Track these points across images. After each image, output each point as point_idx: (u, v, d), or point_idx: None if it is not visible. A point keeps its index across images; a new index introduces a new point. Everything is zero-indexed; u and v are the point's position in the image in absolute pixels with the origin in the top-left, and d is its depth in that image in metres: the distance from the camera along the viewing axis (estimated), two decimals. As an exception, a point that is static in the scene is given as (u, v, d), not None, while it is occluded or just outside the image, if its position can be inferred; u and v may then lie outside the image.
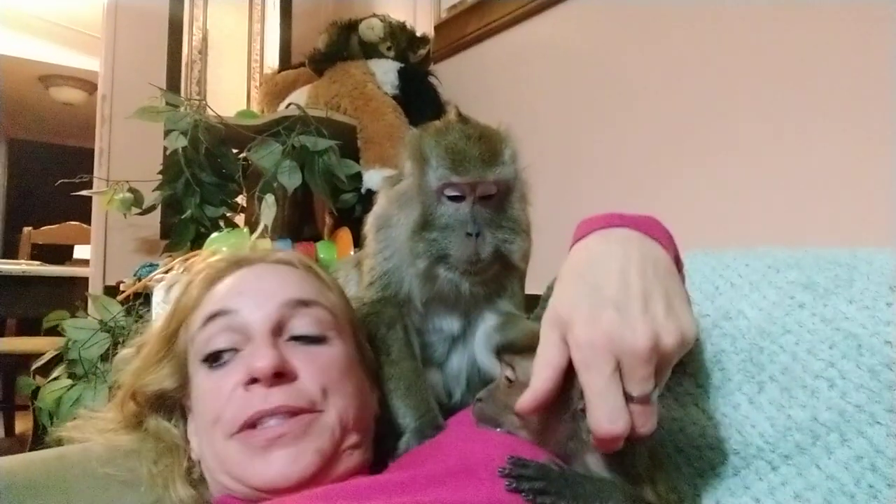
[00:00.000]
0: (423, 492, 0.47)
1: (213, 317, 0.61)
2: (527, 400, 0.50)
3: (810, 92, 1.13)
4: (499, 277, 0.74)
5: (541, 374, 0.50)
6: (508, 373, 0.59)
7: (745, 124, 1.24)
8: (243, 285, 0.64)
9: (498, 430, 0.58)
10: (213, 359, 0.60)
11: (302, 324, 0.63)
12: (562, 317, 0.49)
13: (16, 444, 3.11)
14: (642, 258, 0.51)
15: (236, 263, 0.68)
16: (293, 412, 0.57)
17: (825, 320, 0.64)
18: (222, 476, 0.59)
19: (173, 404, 0.66)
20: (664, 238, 0.56)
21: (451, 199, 0.68)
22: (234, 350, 0.60)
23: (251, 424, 0.57)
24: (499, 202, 0.70)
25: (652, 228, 0.56)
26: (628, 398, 0.46)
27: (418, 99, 1.78)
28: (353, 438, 0.61)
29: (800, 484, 0.60)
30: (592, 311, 0.47)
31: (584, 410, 0.52)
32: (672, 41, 1.38)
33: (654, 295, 0.48)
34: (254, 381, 0.57)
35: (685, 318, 0.49)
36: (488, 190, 0.68)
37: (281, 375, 0.57)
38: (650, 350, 0.46)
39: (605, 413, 0.46)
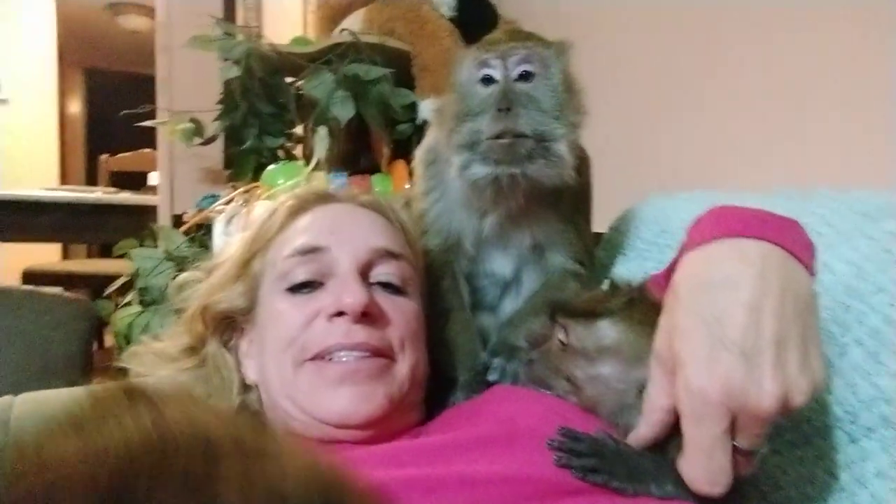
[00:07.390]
0: (461, 460, 0.45)
1: (305, 251, 0.61)
2: (634, 441, 0.47)
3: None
4: (551, 201, 0.68)
5: (649, 418, 0.45)
6: (562, 336, 0.54)
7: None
8: (336, 224, 0.64)
9: (548, 392, 0.55)
10: (298, 287, 0.61)
11: (387, 271, 0.63)
12: (674, 351, 0.42)
13: (106, 356, 3.37)
14: (782, 291, 0.42)
15: (324, 198, 0.68)
16: (372, 352, 0.57)
17: (928, 280, 0.56)
18: (285, 401, 0.58)
19: (234, 327, 0.66)
20: (806, 254, 0.46)
21: (484, 81, 0.64)
22: (319, 283, 0.60)
23: (323, 356, 0.56)
24: (539, 86, 0.64)
25: (794, 241, 0.46)
26: (734, 448, 0.41)
27: (477, 21, 1.66)
28: (414, 395, 0.62)
29: (884, 461, 0.54)
30: (711, 353, 0.40)
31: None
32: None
33: (790, 342, 0.40)
34: (339, 314, 0.57)
35: (818, 369, 0.42)
36: (521, 63, 0.63)
37: (366, 315, 0.57)
38: (775, 411, 0.39)
39: (707, 474, 0.41)
